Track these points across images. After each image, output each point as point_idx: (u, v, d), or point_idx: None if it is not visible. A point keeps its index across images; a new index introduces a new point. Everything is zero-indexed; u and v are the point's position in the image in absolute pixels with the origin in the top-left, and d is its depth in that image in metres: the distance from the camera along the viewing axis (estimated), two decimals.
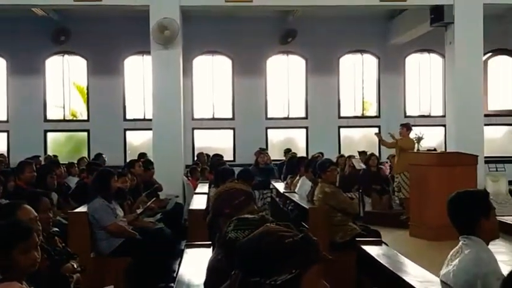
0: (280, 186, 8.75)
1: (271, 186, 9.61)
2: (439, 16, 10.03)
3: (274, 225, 1.76)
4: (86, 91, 13.59)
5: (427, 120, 13.39)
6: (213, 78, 13.74)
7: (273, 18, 12.88)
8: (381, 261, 3.61)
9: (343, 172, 10.64)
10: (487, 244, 2.97)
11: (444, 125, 11.32)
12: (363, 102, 14.12)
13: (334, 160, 9.16)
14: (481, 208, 2.97)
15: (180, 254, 4.47)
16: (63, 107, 13.70)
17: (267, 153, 12.30)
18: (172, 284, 3.79)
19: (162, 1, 9.61)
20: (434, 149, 10.62)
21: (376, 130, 11.64)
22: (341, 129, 13.68)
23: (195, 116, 13.50)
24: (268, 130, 13.61)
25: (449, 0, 9.91)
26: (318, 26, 12.89)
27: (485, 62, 12.65)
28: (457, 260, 2.97)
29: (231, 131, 13.55)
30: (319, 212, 5.88)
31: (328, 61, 13.57)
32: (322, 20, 12.61)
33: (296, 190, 7.72)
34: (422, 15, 10.72)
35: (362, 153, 11.79)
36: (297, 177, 8.21)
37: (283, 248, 1.59)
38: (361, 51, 13.82)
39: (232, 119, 13.56)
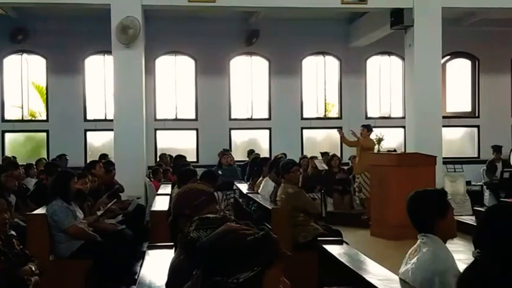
0: (243, 187, 8.76)
1: (234, 187, 9.61)
2: (399, 19, 10.19)
3: (235, 224, 1.76)
4: (45, 91, 13.31)
5: (387, 121, 13.60)
6: (176, 78, 13.66)
7: (236, 19, 12.88)
8: (342, 260, 3.65)
9: (306, 173, 10.72)
10: (445, 243, 3.04)
11: (404, 127, 11.53)
12: (325, 103, 14.26)
13: (297, 161, 9.24)
14: (438, 207, 3.03)
15: (142, 256, 4.43)
16: (22, 107, 13.38)
17: (231, 154, 12.31)
18: (133, 286, 3.75)
19: (124, 0, 9.49)
20: (394, 150, 10.81)
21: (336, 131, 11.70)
22: (304, 131, 13.77)
23: (158, 117, 13.38)
24: (232, 131, 13.60)
25: (408, 4, 10.08)
26: (281, 28, 12.95)
27: (444, 64, 12.94)
28: (415, 258, 3.03)
29: (194, 132, 13.49)
30: (282, 213, 5.90)
31: (290, 62, 13.64)
32: (284, 21, 12.67)
33: (259, 191, 7.74)
34: (382, 18, 10.88)
35: (324, 154, 11.92)
36: (260, 178, 8.23)
37: (245, 246, 1.60)
38: (323, 53, 13.95)
39: (196, 119, 13.51)
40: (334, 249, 3.95)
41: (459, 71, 14.11)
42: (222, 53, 13.37)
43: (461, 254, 4.34)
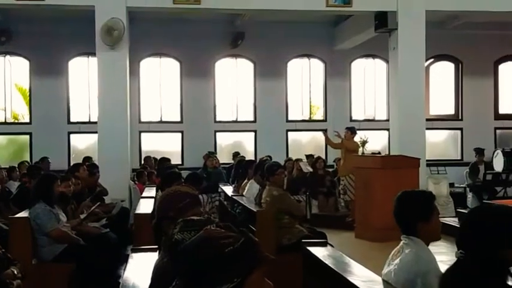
0: (228, 189, 8.75)
1: (219, 190, 9.60)
2: (383, 22, 10.24)
3: (215, 229, 1.72)
4: (28, 93, 13.19)
5: (371, 124, 13.65)
6: (160, 80, 13.60)
7: (222, 21, 12.86)
8: (326, 262, 3.66)
9: (291, 175, 10.74)
10: (428, 245, 3.06)
11: (388, 129, 11.59)
12: (310, 106, 14.29)
13: (282, 163, 9.26)
14: (423, 210, 3.04)
15: (126, 259, 4.40)
16: (5, 110, 13.23)
17: (216, 156, 12.29)
18: None
19: (108, 2, 9.45)
20: (379, 152, 10.87)
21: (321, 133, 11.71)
22: (289, 133, 13.80)
23: (142, 119, 13.31)
24: (217, 133, 13.58)
25: (393, 7, 10.14)
26: (266, 30, 12.96)
27: (428, 67, 13.03)
28: (398, 259, 3.05)
29: (179, 134, 13.45)
30: (267, 215, 5.92)
31: (276, 65, 13.66)
32: (270, 24, 12.68)
33: (244, 193, 7.74)
34: (367, 22, 10.94)
35: (309, 157, 11.94)
36: (245, 181, 8.23)
37: (224, 259, 1.57)
38: (308, 56, 13.99)
39: (181, 122, 13.47)
40: (319, 251, 3.97)
41: (443, 73, 14.23)
42: (207, 55, 13.35)
43: (443, 256, 4.37)
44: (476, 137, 13.57)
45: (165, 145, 13.40)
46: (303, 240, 4.69)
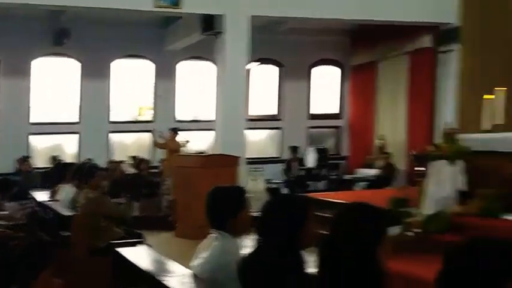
0: (41, 194, 8.32)
1: (31, 196, 9.04)
2: (210, 25, 10.35)
3: (3, 231, 1.73)
4: None
5: (199, 124, 13.78)
6: None
7: (44, 17, 12.04)
8: (134, 262, 3.63)
9: (113, 177, 10.45)
10: (238, 238, 3.18)
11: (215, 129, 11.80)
12: (139, 107, 14.03)
13: (105, 165, 9.00)
14: (232, 206, 3.14)
15: None
16: None
17: (30, 160, 11.57)
18: None
19: None
20: (204, 152, 11.05)
21: (150, 134, 11.56)
22: (113, 134, 13.42)
23: None
24: (32, 136, 12.73)
25: (220, 11, 10.25)
26: (94, 29, 12.39)
27: (253, 70, 13.49)
28: (206, 253, 3.14)
29: None
30: (81, 219, 5.73)
31: (102, 65, 13.19)
32: (98, 22, 12.16)
33: (60, 198, 7.39)
34: (196, 24, 10.95)
35: (133, 158, 11.76)
36: (63, 184, 7.85)
37: (12, 259, 1.56)
38: (138, 57, 13.74)
39: None
40: (128, 252, 3.93)
41: (268, 76, 14.89)
42: (29, 53, 12.47)
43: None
44: (293, 136, 14.42)
45: None
46: (111, 242, 4.61)
